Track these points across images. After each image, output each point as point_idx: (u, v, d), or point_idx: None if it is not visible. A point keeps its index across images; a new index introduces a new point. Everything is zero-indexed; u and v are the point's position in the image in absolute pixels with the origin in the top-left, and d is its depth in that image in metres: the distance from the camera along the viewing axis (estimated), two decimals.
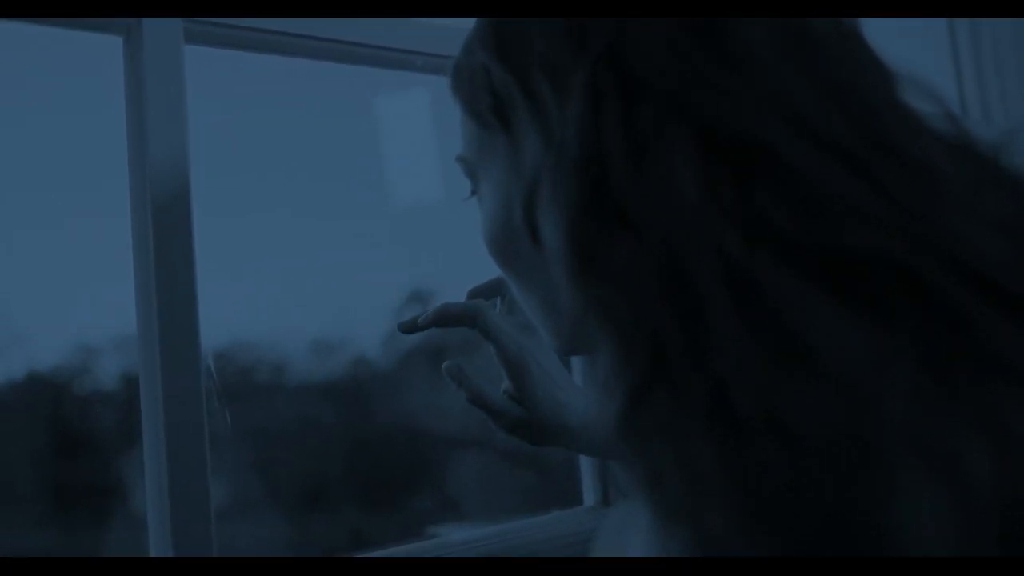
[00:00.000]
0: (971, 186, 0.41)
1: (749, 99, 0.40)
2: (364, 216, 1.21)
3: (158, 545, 0.87)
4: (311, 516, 1.17)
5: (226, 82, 1.06)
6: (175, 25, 0.91)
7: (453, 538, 1.07)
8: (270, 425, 1.15)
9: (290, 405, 1.18)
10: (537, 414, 0.72)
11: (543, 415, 0.72)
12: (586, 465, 1.19)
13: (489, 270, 0.59)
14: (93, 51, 0.94)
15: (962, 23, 1.78)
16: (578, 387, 0.75)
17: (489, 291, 0.78)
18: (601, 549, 0.43)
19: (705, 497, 0.35)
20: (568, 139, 0.42)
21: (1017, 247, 0.38)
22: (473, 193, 0.57)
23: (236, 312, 1.06)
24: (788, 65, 0.42)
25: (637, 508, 0.38)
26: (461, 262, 1.19)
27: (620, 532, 0.41)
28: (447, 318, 0.72)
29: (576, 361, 1.11)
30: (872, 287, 0.37)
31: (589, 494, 1.18)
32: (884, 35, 0.48)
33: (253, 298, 1.08)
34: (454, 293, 1.24)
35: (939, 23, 1.77)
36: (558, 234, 0.42)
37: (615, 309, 0.39)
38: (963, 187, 0.40)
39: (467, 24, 0.56)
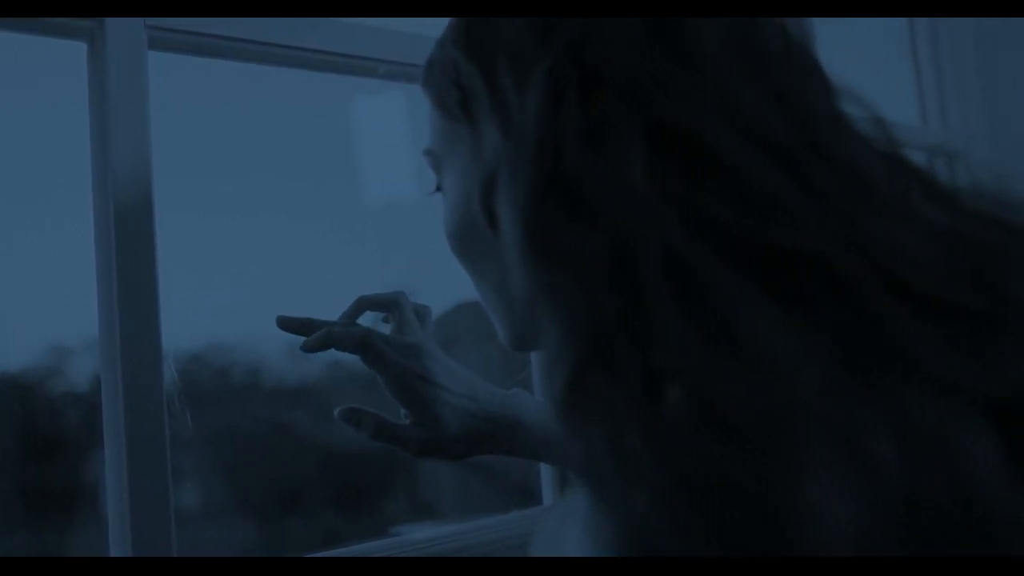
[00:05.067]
0: (901, 194, 0.42)
1: (699, 98, 0.42)
2: (339, 217, 1.21)
3: (118, 547, 0.87)
4: (285, 519, 1.17)
5: (200, 83, 1.06)
6: (138, 31, 0.91)
7: (414, 536, 1.08)
8: (246, 427, 1.15)
9: (265, 407, 1.18)
10: (442, 431, 0.71)
11: (448, 430, 0.71)
12: (546, 468, 1.20)
13: (461, 272, 0.60)
14: (57, 56, 0.94)
15: (921, 23, 1.80)
16: (495, 390, 0.73)
17: (381, 305, 0.76)
18: (540, 543, 0.44)
19: (633, 478, 0.36)
20: (526, 127, 0.44)
21: (941, 253, 0.40)
22: (439, 188, 0.58)
23: (211, 314, 1.06)
24: (738, 69, 0.43)
25: (575, 502, 0.39)
26: (436, 263, 1.19)
27: (558, 526, 0.42)
28: (332, 342, 0.71)
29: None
30: (798, 283, 0.39)
31: (548, 495, 1.20)
32: (845, 35, 0.49)
33: (229, 300, 1.08)
34: (429, 293, 1.25)
35: (899, 23, 1.79)
36: (513, 218, 0.43)
37: (562, 293, 0.40)
38: (894, 194, 0.42)
39: (432, 33, 0.57)
